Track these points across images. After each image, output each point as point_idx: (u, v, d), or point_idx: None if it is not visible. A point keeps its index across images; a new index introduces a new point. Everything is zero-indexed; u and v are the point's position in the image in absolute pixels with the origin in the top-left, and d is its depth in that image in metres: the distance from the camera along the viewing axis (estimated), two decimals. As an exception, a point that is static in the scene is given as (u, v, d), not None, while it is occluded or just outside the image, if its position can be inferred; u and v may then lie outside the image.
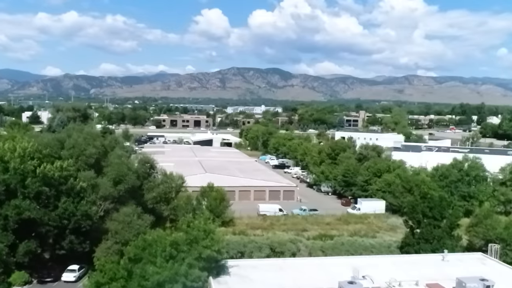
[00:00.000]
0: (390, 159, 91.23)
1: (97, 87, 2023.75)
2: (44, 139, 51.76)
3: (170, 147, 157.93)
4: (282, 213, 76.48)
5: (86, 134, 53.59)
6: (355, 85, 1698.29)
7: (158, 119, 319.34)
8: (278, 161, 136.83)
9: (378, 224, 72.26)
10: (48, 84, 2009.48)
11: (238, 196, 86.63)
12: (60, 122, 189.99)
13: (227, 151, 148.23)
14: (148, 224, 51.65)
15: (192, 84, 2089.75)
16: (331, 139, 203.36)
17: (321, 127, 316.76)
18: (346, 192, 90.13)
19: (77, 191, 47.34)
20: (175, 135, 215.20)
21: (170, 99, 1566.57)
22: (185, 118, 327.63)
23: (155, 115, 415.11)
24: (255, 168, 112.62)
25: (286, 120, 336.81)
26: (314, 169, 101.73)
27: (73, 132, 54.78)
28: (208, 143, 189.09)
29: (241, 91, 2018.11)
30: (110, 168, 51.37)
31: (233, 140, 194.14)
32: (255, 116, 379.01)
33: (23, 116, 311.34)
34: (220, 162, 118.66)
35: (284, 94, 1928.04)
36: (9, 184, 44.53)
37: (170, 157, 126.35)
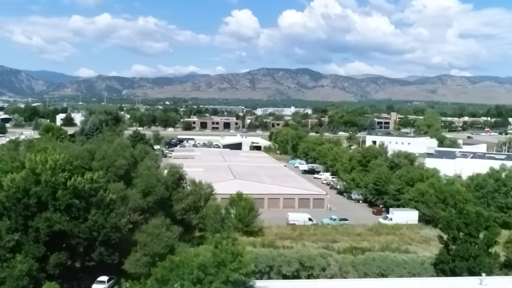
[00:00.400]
0: (423, 167, 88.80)
1: (129, 88, 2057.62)
2: (75, 150, 52.18)
3: (200, 151, 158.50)
4: (312, 222, 75.37)
5: (116, 145, 53.74)
6: (386, 85, 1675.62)
7: (188, 121, 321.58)
8: (308, 166, 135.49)
9: (410, 236, 70.43)
10: (82, 85, 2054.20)
11: (267, 204, 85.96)
12: (92, 125, 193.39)
13: (256, 156, 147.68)
14: (176, 236, 51.54)
15: (222, 85, 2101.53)
16: (362, 143, 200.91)
17: (351, 130, 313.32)
18: (378, 201, 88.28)
19: (106, 203, 47.49)
20: (205, 138, 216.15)
21: (200, 100, 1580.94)
22: (215, 120, 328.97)
23: (185, 116, 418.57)
24: (284, 174, 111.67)
25: (316, 122, 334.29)
26: (344, 176, 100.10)
27: (103, 143, 54.98)
28: (237, 146, 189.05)
29: (271, 92, 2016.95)
30: (140, 180, 51.43)
31: (263, 144, 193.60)
32: (284, 118, 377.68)
33: (57, 118, 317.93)
34: (249, 167, 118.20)
35: (314, 95, 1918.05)
36: (41, 197, 44.95)
37: (200, 162, 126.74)
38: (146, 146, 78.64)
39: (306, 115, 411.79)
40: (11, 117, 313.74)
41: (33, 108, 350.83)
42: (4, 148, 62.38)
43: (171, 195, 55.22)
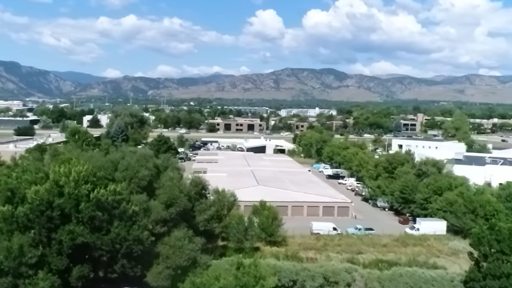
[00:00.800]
0: (452, 175, 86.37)
1: (155, 88, 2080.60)
2: (98, 160, 52.15)
3: (224, 154, 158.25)
4: (336, 232, 74.04)
5: (139, 155, 53.56)
6: (412, 85, 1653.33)
7: (212, 122, 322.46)
8: (332, 171, 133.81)
9: (438, 248, 68.49)
10: (108, 86, 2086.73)
11: (290, 212, 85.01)
12: (118, 128, 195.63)
13: (280, 160, 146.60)
14: (199, 248, 51.08)
15: (246, 85, 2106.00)
16: (387, 146, 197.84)
17: (376, 132, 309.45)
18: (404, 209, 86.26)
19: (129, 215, 47.21)
20: (229, 140, 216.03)
21: (224, 100, 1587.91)
22: (239, 122, 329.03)
23: (210, 118, 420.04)
24: (308, 180, 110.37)
25: (340, 124, 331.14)
26: (369, 183, 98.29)
27: (126, 154, 54.89)
28: (261, 149, 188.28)
29: (295, 92, 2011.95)
30: (162, 191, 51.08)
31: (287, 147, 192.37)
32: (309, 120, 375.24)
33: (84, 120, 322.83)
34: (273, 172, 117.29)
35: (338, 95, 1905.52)
36: (64, 209, 44.94)
37: (223, 166, 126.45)
38: (170, 156, 78.27)
39: (331, 117, 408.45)
40: (40, 119, 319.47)
41: (60, 110, 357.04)
42: (29, 157, 62.86)
43: (194, 206, 54.68)
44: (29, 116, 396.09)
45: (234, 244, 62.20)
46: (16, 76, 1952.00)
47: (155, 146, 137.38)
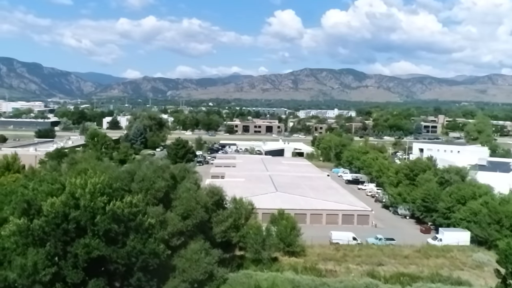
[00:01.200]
0: (475, 183, 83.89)
1: (174, 89, 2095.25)
2: (115, 171, 51.62)
3: (242, 158, 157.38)
4: (356, 242, 72.42)
5: (156, 165, 52.88)
6: (433, 85, 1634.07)
7: (230, 124, 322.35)
8: (352, 176, 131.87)
9: (462, 260, 66.34)
10: (128, 86, 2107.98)
11: (309, 220, 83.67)
12: (136, 131, 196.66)
13: (299, 164, 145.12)
14: (216, 260, 50.21)
15: (264, 86, 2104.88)
16: (408, 150, 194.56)
17: (397, 134, 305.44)
18: (426, 218, 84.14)
19: (145, 228, 46.50)
20: (247, 143, 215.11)
21: (243, 100, 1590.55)
22: (257, 124, 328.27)
23: (228, 119, 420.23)
24: (327, 186, 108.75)
25: (360, 126, 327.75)
26: (390, 189, 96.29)
27: (143, 164, 54.28)
28: (279, 153, 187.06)
29: (314, 92, 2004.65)
30: (179, 202, 50.30)
31: (305, 150, 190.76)
32: (327, 121, 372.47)
33: (104, 122, 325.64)
34: (292, 177, 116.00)
35: (358, 95, 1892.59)
36: (80, 221, 44.49)
37: (241, 171, 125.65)
38: (187, 165, 77.61)
39: (350, 118, 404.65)
40: (60, 121, 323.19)
41: (81, 112, 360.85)
42: (47, 166, 62.72)
43: (211, 217, 53.81)
44: (50, 118, 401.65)
45: (251, 255, 61.11)
46: (39, 77, 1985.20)
47: (173, 150, 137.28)
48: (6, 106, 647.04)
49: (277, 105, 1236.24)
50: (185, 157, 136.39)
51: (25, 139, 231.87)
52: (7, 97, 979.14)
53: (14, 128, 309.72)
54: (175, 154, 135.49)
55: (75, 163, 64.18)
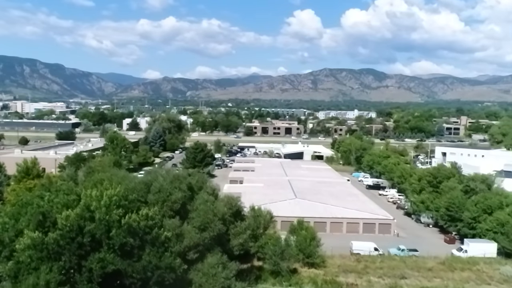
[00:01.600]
0: (502, 192, 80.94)
1: (193, 89, 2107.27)
2: (131, 182, 50.71)
3: (260, 161, 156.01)
4: (378, 252, 70.38)
5: (172, 176, 51.80)
6: (455, 85, 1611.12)
7: (249, 126, 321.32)
8: (373, 181, 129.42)
9: (489, 273, 63.86)
10: (148, 87, 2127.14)
11: (329, 228, 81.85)
12: (156, 133, 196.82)
13: (318, 168, 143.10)
14: (234, 274, 48.98)
15: (283, 86, 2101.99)
16: (430, 152, 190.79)
17: (418, 136, 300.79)
18: (450, 227, 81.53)
19: (161, 242, 45.47)
20: (266, 146, 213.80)
21: (262, 101, 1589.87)
22: (276, 125, 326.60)
23: (247, 120, 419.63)
24: (348, 191, 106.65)
25: (380, 128, 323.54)
26: (412, 197, 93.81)
27: (159, 175, 53.27)
28: (298, 156, 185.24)
29: (333, 93, 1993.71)
30: (196, 214, 49.17)
31: (325, 153, 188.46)
32: (347, 123, 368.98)
33: (124, 123, 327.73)
34: (311, 183, 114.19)
35: (378, 96, 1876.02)
36: (95, 235, 43.67)
37: (260, 176, 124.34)
38: (204, 175, 76.56)
39: (370, 120, 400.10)
40: (81, 122, 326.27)
41: (101, 113, 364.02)
42: (64, 174, 62.25)
43: (228, 228, 52.55)
44: (71, 119, 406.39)
45: (270, 266, 59.65)
46: (61, 78, 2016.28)
47: (192, 153, 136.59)
48: (29, 107, 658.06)
49: (296, 106, 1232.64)
50: (203, 161, 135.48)
51: (46, 140, 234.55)
52: (29, 98, 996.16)
53: (36, 129, 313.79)
54: (194, 158, 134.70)
55: (92, 171, 63.56)
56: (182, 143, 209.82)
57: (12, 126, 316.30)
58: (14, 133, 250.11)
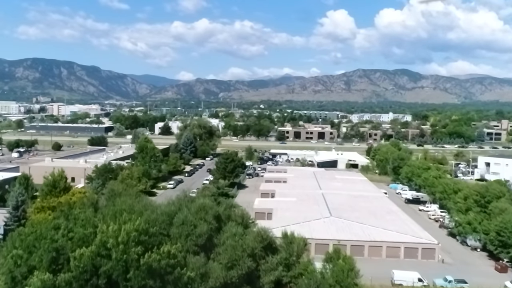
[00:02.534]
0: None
1: (225, 91, 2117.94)
2: (153, 213, 46.54)
3: (293, 171, 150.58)
4: (422, 283, 64.24)
5: (198, 207, 47.35)
6: (493, 86, 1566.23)
7: (281, 130, 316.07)
8: (412, 195, 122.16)
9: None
10: (181, 88, 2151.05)
11: (367, 252, 75.95)
12: (186, 140, 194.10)
13: (353, 180, 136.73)
14: (263, 316, 44.27)
15: (316, 87, 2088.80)
16: (471, 161, 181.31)
17: (457, 142, 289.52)
18: (501, 254, 74.42)
19: (184, 282, 41.14)
20: (298, 152, 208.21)
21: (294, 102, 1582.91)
22: (309, 130, 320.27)
23: (279, 124, 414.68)
24: (386, 208, 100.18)
25: (417, 133, 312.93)
26: (458, 216, 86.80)
27: (183, 205, 48.93)
28: (332, 164, 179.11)
29: (367, 94, 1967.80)
30: (223, 250, 44.60)
31: (360, 161, 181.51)
32: (382, 127, 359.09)
33: (156, 127, 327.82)
34: (347, 197, 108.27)
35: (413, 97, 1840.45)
36: (111, 276, 39.67)
37: (293, 188, 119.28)
38: (232, 201, 72.07)
39: (406, 124, 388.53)
40: (114, 126, 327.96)
41: (134, 117, 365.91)
42: (84, 200, 58.82)
43: (259, 264, 47.73)
44: (104, 123, 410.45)
45: (304, 301, 54.46)
46: (97, 80, 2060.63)
47: (222, 163, 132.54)
48: (64, 110, 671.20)
49: (328, 107, 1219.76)
50: (234, 171, 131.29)
51: (79, 145, 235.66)
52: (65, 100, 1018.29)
53: (70, 133, 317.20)
54: (224, 168, 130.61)
55: (114, 196, 59.93)
56: (213, 149, 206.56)
57: (47, 130, 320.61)
58: (48, 138, 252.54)
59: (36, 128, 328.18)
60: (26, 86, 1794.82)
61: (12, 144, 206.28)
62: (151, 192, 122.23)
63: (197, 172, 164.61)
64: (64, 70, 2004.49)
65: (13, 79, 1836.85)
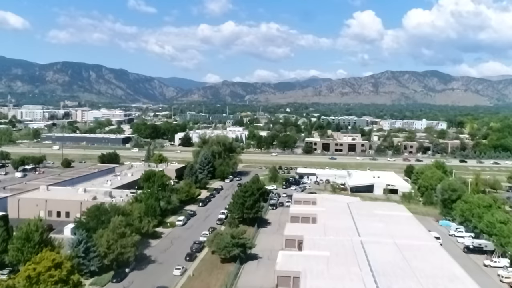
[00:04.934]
0: None
1: (252, 93, 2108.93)
2: None
3: (324, 204, 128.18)
4: None
5: None
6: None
7: (309, 142, 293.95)
8: (473, 242, 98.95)
9: None
10: (207, 91, 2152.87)
11: None
12: (204, 159, 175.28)
13: (397, 218, 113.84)
14: None
15: (343, 89, 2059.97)
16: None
17: (502, 155, 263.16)
18: None
19: None
20: (328, 172, 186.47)
21: (321, 105, 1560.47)
22: (338, 142, 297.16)
23: (306, 132, 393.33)
24: (447, 270, 77.80)
25: (457, 146, 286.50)
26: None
27: None
28: (368, 189, 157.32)
29: (395, 96, 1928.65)
30: None
31: (399, 186, 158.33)
32: (417, 137, 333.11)
33: (176, 138, 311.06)
34: (393, 250, 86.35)
35: (443, 99, 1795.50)
36: None
37: (324, 233, 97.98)
38: None
39: (443, 133, 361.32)
40: (132, 137, 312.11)
41: (153, 126, 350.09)
42: None
43: None
44: (125, 131, 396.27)
45: None
46: (124, 83, 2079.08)
47: (240, 197, 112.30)
48: (87, 116, 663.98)
49: (356, 110, 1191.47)
50: (254, 207, 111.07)
51: (92, 160, 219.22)
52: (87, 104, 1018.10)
53: (87, 144, 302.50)
54: (242, 203, 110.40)
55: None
56: (233, 168, 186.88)
57: (64, 141, 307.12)
58: (60, 151, 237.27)
59: (52, 138, 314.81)
60: (56, 90, 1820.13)
61: (17, 162, 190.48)
62: (155, 233, 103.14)
63: (214, 200, 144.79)
64: (92, 74, 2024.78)
65: (43, 82, 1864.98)
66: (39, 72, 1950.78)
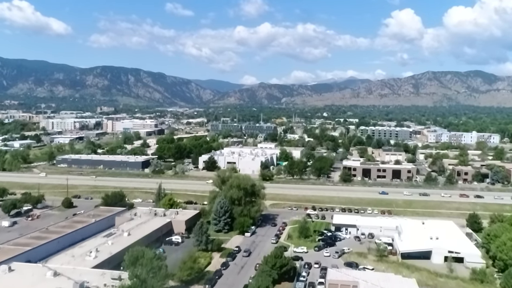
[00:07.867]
0: None
1: (288, 95, 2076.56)
2: None
3: (368, 282, 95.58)
4: None
5: None
6: None
7: (347, 167, 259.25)
8: None
9: None
10: (244, 94, 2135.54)
11: None
12: (219, 208, 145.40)
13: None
14: None
15: (382, 91, 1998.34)
16: None
17: None
18: None
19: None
20: (372, 223, 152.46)
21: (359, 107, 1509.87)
22: (380, 167, 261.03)
23: (343, 150, 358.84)
24: None
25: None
26: None
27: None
28: (424, 255, 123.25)
29: (437, 97, 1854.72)
30: None
31: (465, 253, 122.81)
32: (470, 160, 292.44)
33: (200, 161, 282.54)
34: None
35: (488, 100, 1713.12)
36: None
37: None
38: None
39: (500, 153, 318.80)
40: (151, 161, 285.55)
41: (177, 146, 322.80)
42: None
43: None
44: (150, 146, 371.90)
45: None
46: (162, 86, 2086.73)
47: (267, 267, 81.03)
48: (117, 126, 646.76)
49: (396, 112, 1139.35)
50: None
51: (100, 194, 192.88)
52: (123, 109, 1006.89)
53: (103, 168, 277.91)
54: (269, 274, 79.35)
55: None
56: (255, 217, 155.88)
57: (80, 165, 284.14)
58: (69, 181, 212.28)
59: (67, 161, 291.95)
60: (96, 94, 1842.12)
61: (8, 206, 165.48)
62: None
63: (226, 272, 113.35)
64: (131, 77, 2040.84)
65: (83, 86, 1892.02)
66: (80, 77, 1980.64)
